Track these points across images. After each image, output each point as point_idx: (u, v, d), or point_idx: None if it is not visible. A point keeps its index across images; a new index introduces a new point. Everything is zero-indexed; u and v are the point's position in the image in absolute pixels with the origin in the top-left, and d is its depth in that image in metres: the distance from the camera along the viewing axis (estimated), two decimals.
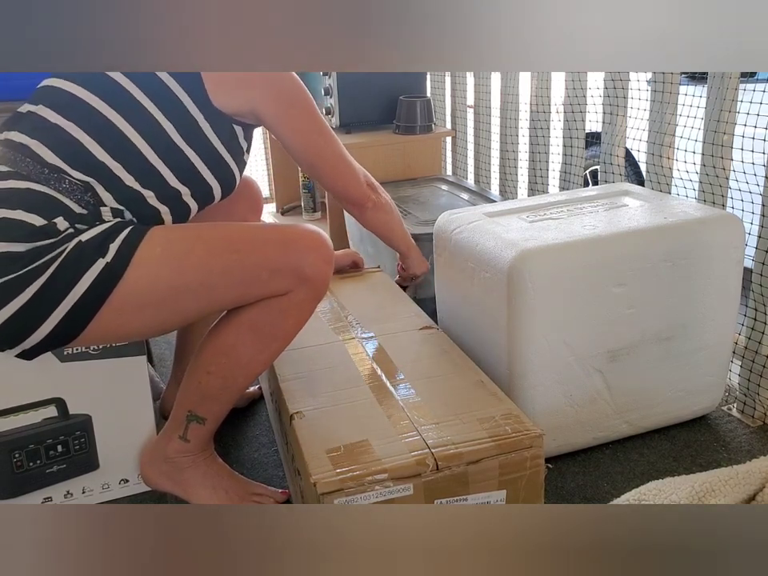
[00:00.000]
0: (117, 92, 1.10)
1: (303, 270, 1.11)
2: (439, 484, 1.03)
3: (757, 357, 1.52)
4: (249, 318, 1.14)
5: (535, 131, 2.21)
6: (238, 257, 1.10)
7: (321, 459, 1.04)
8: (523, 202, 1.59)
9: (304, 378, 1.27)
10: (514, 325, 1.31)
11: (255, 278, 1.10)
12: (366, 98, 2.43)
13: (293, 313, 1.14)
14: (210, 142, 1.17)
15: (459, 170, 2.72)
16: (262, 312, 1.13)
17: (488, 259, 1.34)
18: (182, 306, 1.10)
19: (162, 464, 1.26)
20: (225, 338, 1.15)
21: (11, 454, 1.22)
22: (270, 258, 1.11)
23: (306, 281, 1.12)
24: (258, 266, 1.10)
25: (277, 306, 1.13)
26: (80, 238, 1.04)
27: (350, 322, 1.47)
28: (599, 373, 1.38)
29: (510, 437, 1.06)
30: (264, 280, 1.10)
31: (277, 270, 1.10)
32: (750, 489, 0.93)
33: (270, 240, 1.13)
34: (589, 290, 1.31)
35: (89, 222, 1.07)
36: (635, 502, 0.97)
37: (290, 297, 1.12)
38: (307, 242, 1.13)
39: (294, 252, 1.12)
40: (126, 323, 1.08)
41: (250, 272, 1.10)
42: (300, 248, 1.12)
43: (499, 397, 1.17)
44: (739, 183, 1.60)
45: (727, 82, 1.51)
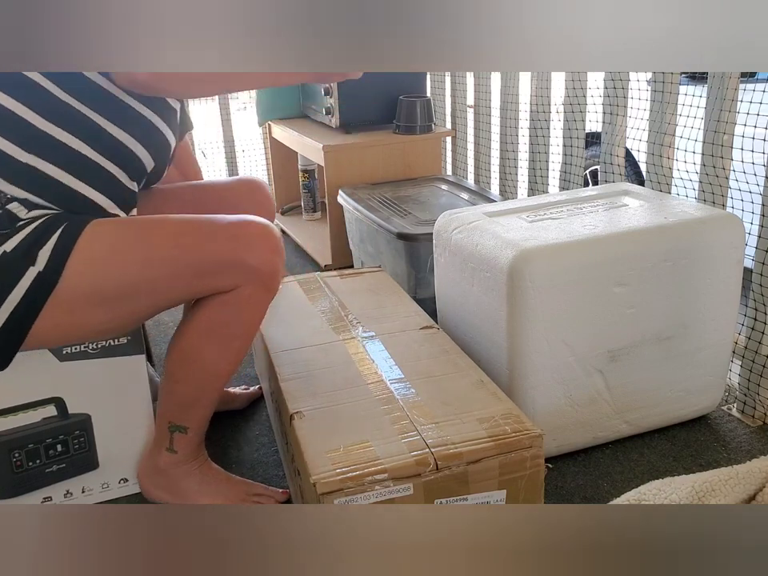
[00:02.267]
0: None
1: (248, 263, 1.07)
2: (439, 484, 1.03)
3: (757, 357, 1.52)
4: (204, 318, 1.11)
5: (535, 131, 2.21)
6: (180, 251, 1.07)
7: (321, 459, 1.03)
8: (523, 202, 1.59)
9: (304, 377, 1.27)
10: (514, 324, 1.31)
11: (200, 273, 1.07)
12: (366, 98, 2.44)
13: (246, 308, 1.11)
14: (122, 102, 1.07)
15: (459, 170, 2.72)
16: (215, 311, 1.11)
17: (488, 259, 1.34)
18: (133, 303, 1.08)
19: (157, 477, 1.26)
20: (185, 344, 1.13)
21: (11, 454, 1.22)
22: (213, 251, 1.07)
23: (253, 274, 1.08)
24: (201, 260, 1.07)
25: (229, 303, 1.10)
26: (3, 248, 1.00)
27: (351, 322, 1.47)
28: (599, 373, 1.38)
29: (510, 437, 1.06)
30: (209, 274, 1.07)
31: (221, 264, 1.07)
32: (750, 488, 0.93)
33: (212, 233, 1.08)
34: (589, 289, 1.31)
35: (5, 226, 1.01)
36: (635, 502, 0.97)
37: (239, 292, 1.09)
38: (251, 233, 1.09)
39: (238, 244, 1.07)
40: (81, 323, 1.06)
41: (195, 267, 1.07)
42: (244, 240, 1.08)
43: (499, 397, 1.17)
44: (739, 183, 1.60)
45: (727, 81, 1.51)
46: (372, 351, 1.34)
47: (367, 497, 1.00)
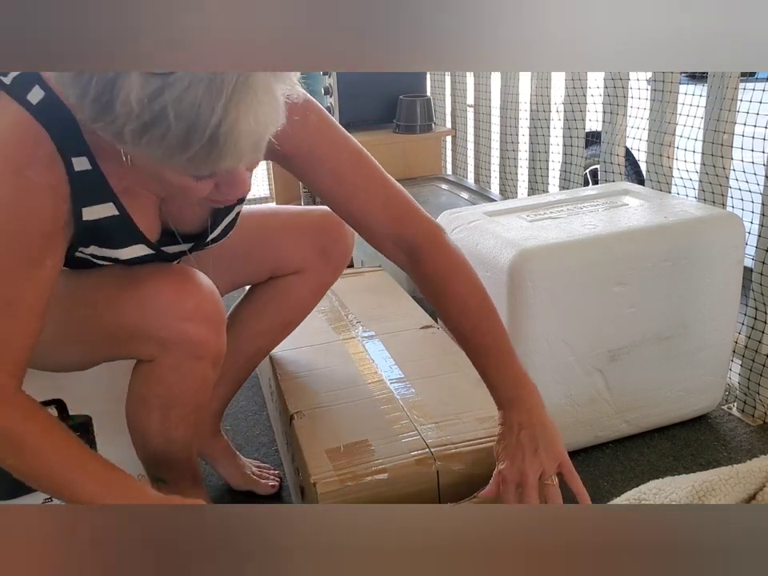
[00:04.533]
0: None
1: (157, 334, 0.92)
2: (439, 483, 1.03)
3: (757, 356, 1.52)
4: (136, 386, 1.01)
5: (535, 131, 2.21)
6: (94, 312, 0.95)
7: (321, 459, 1.03)
8: (523, 201, 1.59)
9: (304, 377, 1.27)
10: (514, 324, 1.31)
11: (113, 339, 0.95)
12: (366, 98, 2.44)
13: (173, 380, 0.97)
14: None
15: (459, 170, 2.72)
16: (142, 381, 1.00)
17: (488, 258, 1.34)
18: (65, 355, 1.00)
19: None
20: (128, 413, 1.05)
21: None
22: (122, 317, 0.93)
23: (167, 345, 0.93)
24: (113, 326, 0.94)
25: (153, 374, 0.98)
26: None
27: (351, 321, 1.47)
28: (599, 372, 1.38)
29: None
30: (122, 342, 0.95)
31: (128, 333, 0.93)
32: (751, 488, 0.94)
33: (123, 296, 0.93)
34: (589, 289, 1.31)
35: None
36: (635, 502, 0.97)
37: (160, 363, 0.95)
38: (160, 298, 0.92)
39: (143, 312, 0.92)
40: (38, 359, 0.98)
41: (107, 331, 0.95)
42: (151, 307, 0.92)
43: None
44: (739, 182, 1.60)
45: (727, 81, 1.51)
46: (372, 351, 1.34)
47: (367, 497, 1.00)
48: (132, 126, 0.67)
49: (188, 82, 0.65)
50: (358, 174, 0.99)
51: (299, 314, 1.28)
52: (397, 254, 1.01)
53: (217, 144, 0.68)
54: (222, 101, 0.66)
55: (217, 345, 0.98)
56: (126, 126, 0.67)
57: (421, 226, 1.00)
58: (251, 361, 1.31)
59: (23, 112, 0.80)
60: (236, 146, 0.69)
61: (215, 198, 0.82)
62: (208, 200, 0.83)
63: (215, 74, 0.65)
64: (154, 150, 0.69)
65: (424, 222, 1.01)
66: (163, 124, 0.66)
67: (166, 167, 0.74)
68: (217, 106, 0.66)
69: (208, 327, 0.95)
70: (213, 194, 0.80)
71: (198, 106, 0.66)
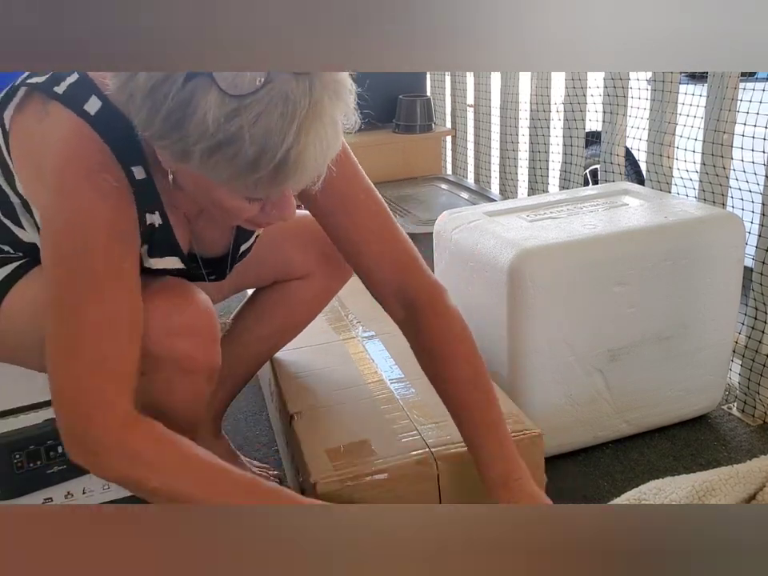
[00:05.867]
0: None
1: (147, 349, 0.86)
2: (439, 483, 1.03)
3: (757, 356, 1.52)
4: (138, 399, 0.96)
5: (535, 131, 2.21)
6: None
7: (321, 459, 1.03)
8: (523, 201, 1.59)
9: (304, 377, 1.27)
10: (514, 324, 1.31)
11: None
12: (366, 98, 2.43)
13: (164, 393, 0.95)
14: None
15: (459, 170, 2.72)
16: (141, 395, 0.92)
17: (488, 258, 1.34)
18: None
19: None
20: None
21: (12, 455, 1.22)
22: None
23: (156, 361, 0.89)
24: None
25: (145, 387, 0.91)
26: None
27: (351, 321, 1.47)
28: (599, 372, 1.38)
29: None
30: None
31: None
32: (751, 488, 0.94)
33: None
34: (589, 289, 1.31)
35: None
36: (635, 502, 0.97)
37: (151, 379, 0.91)
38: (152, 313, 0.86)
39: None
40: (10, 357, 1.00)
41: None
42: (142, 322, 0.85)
43: (499, 396, 1.17)
44: (739, 182, 1.60)
45: (727, 81, 1.51)
46: (372, 351, 1.34)
47: (367, 497, 1.00)
48: (204, 144, 0.68)
49: (264, 105, 0.67)
50: (374, 220, 0.98)
51: (302, 319, 1.27)
52: (396, 309, 1.00)
53: (284, 168, 0.70)
54: (294, 127, 0.68)
55: (208, 359, 0.96)
56: (198, 145, 0.68)
57: (424, 284, 0.99)
58: (252, 364, 1.31)
59: (81, 123, 0.80)
60: (302, 170, 0.71)
61: (259, 221, 0.82)
62: (250, 222, 0.83)
63: (288, 98, 0.67)
64: (221, 171, 0.71)
65: (427, 281, 1.00)
66: (236, 145, 0.67)
67: (224, 187, 0.75)
68: (289, 131, 0.68)
69: (198, 342, 0.93)
70: (257, 216, 0.81)
71: (272, 130, 0.67)
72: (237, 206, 0.78)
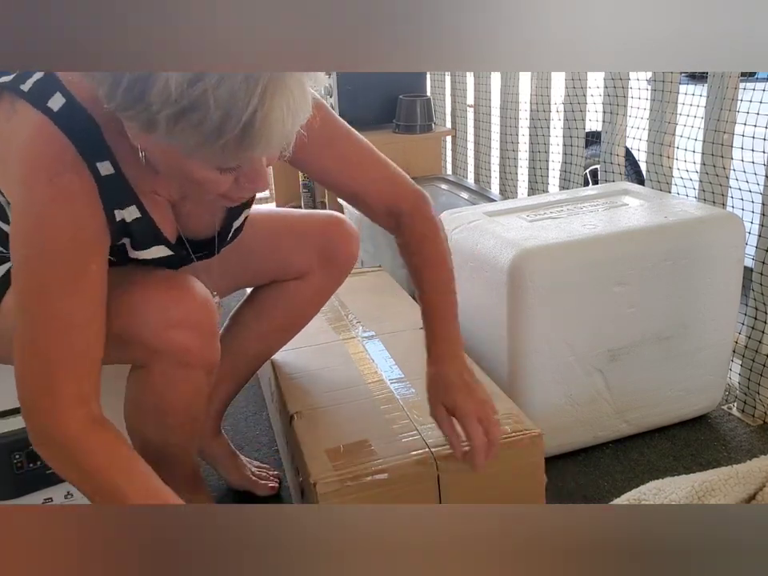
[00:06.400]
0: None
1: (144, 341, 0.91)
2: (439, 483, 1.03)
3: (757, 356, 1.52)
4: (131, 392, 1.01)
5: (535, 131, 2.21)
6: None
7: (321, 459, 1.03)
8: (523, 201, 1.59)
9: (304, 377, 1.27)
10: (514, 324, 1.31)
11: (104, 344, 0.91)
12: (366, 97, 2.43)
13: (163, 388, 0.97)
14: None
15: (459, 170, 2.72)
16: (135, 387, 1.00)
17: (488, 258, 1.34)
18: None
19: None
20: (126, 417, 1.04)
21: (12, 455, 1.22)
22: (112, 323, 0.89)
23: (154, 352, 0.92)
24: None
25: (143, 381, 0.98)
26: None
27: (351, 321, 1.47)
28: (599, 372, 1.38)
29: (510, 436, 1.06)
30: (113, 347, 0.91)
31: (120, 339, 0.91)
32: (750, 488, 0.93)
33: (113, 302, 0.90)
34: (589, 289, 1.31)
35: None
36: (635, 502, 0.97)
37: (149, 371, 0.95)
38: (143, 303, 0.90)
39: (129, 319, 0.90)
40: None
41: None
42: (135, 313, 0.90)
43: (499, 396, 1.17)
44: (739, 182, 1.60)
45: (727, 81, 1.51)
46: (372, 351, 1.34)
47: (367, 497, 1.00)
48: (168, 111, 0.68)
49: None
50: (360, 155, 1.09)
51: (301, 318, 1.27)
52: (388, 221, 1.09)
53: (250, 132, 0.69)
54: (259, 89, 0.67)
55: (207, 352, 0.97)
56: (162, 112, 0.68)
57: (409, 194, 1.09)
58: (252, 363, 1.30)
59: (44, 120, 0.79)
60: (268, 134, 0.70)
61: (233, 195, 0.82)
62: (225, 197, 0.83)
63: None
64: (188, 137, 0.70)
65: (412, 189, 1.10)
66: (201, 109, 0.67)
67: (193, 157, 0.75)
68: (254, 94, 0.67)
69: (196, 335, 0.94)
70: (231, 189, 0.81)
71: (236, 93, 0.67)
72: (209, 178, 0.78)
